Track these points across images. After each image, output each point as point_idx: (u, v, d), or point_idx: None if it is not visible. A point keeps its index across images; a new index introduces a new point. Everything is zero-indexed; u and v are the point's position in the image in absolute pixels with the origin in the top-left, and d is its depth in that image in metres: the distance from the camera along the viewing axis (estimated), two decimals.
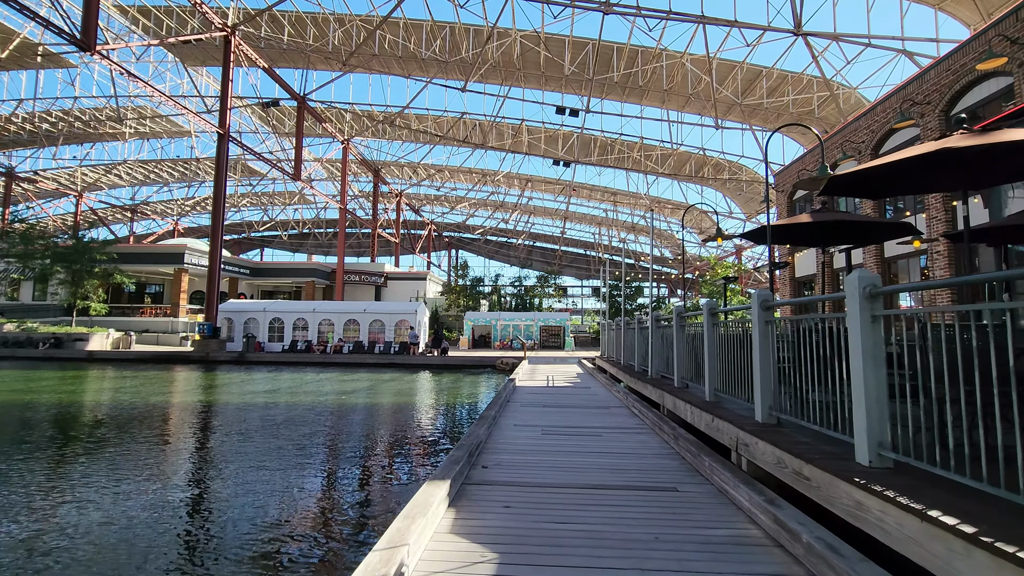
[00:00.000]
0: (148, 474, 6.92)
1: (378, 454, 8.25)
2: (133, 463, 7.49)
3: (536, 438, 6.20)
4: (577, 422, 7.40)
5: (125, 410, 12.08)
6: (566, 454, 5.42)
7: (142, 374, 19.92)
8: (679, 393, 7.09)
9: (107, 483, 6.38)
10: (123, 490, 6.10)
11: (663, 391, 7.48)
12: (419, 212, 65.62)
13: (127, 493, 5.99)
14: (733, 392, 5.60)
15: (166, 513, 5.37)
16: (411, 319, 28.30)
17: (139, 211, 66.66)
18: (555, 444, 5.88)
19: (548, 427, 6.94)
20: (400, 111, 38.02)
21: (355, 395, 14.90)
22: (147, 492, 6.05)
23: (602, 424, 7.23)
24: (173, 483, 6.55)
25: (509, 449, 5.59)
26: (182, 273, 35.82)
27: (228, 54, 27.75)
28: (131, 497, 5.83)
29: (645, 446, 5.87)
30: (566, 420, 7.56)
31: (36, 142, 48.53)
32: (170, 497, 5.90)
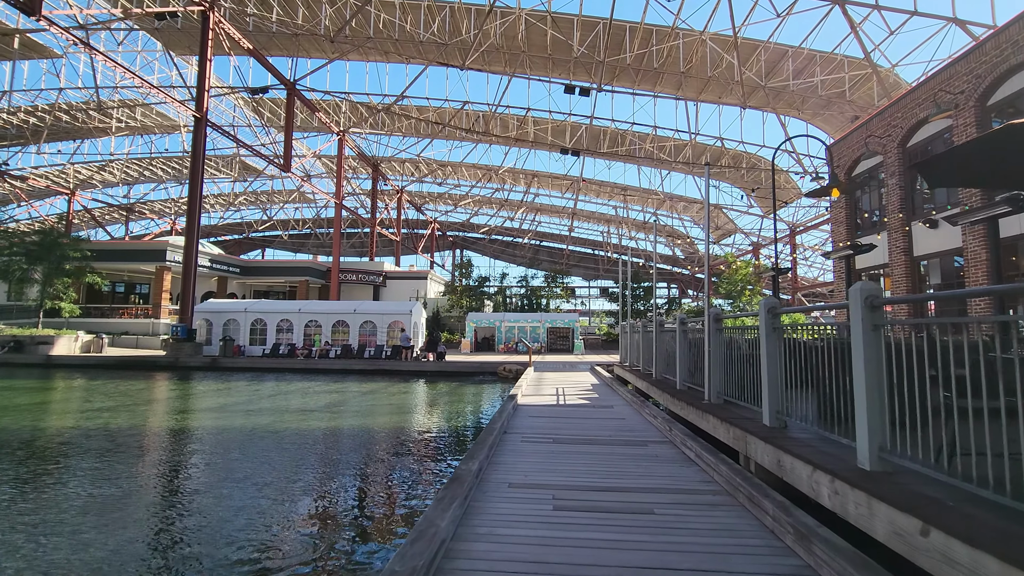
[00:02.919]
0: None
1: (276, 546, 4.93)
2: None
3: (543, 522, 3.67)
4: (606, 475, 4.87)
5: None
6: (601, 568, 2.90)
7: (76, 384, 17.55)
8: (781, 440, 4.53)
9: None
10: None
11: (745, 432, 4.89)
12: (421, 210, 63.27)
13: None
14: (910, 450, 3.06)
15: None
16: (405, 320, 25.83)
17: (136, 210, 64.72)
18: (577, 538, 3.36)
19: (563, 489, 4.41)
20: (399, 97, 35.60)
21: (313, 416, 12.33)
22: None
23: (646, 481, 4.69)
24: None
25: (494, 556, 3.08)
26: (164, 271, 33.56)
27: (206, 31, 25.45)
28: None
29: (739, 542, 3.32)
30: (589, 471, 5.03)
31: (22, 137, 46.58)
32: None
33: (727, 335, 6.23)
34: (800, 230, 45.72)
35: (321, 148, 42.57)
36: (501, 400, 14.49)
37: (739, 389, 5.77)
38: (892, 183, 11.68)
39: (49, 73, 39.43)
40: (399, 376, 20.80)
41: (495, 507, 3.93)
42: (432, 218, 65.80)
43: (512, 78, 33.98)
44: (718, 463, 4.62)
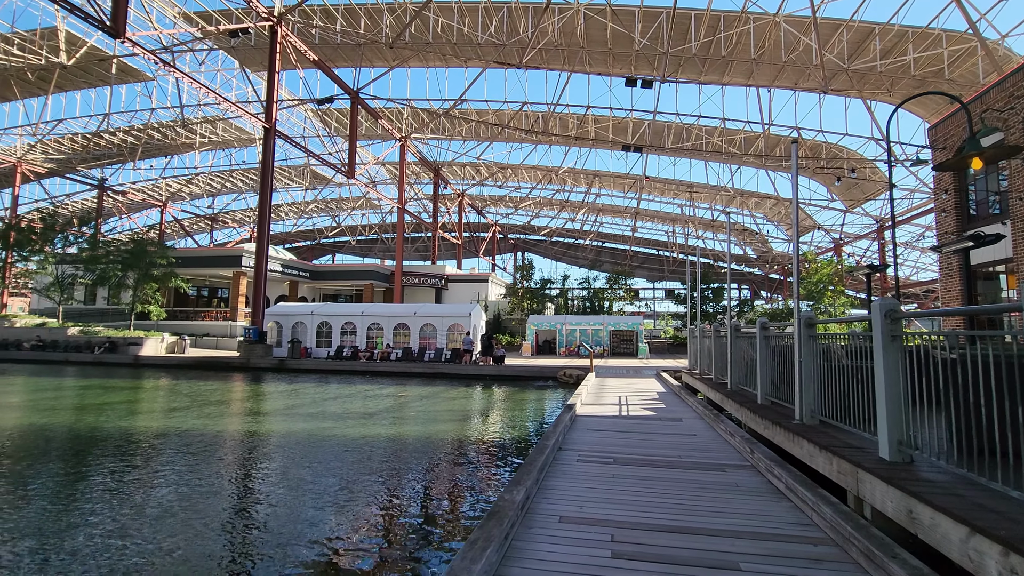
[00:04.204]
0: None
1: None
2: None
3: (601, 571, 3.01)
4: (677, 510, 4.12)
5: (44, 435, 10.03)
6: None
7: (160, 384, 18.47)
8: (911, 483, 3.62)
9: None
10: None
11: (855, 465, 3.92)
12: (482, 213, 63.56)
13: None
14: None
15: None
16: (465, 323, 25.65)
17: (219, 219, 69.25)
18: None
19: (625, 528, 3.71)
20: (457, 100, 35.70)
21: (373, 422, 12.21)
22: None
23: (727, 520, 3.90)
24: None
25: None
26: (240, 276, 35.36)
27: (274, 45, 26.48)
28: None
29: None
30: (656, 503, 4.29)
31: (121, 156, 50.88)
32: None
33: (822, 343, 5.27)
34: (889, 224, 41.79)
35: (384, 155, 43.55)
36: (560, 407, 13.82)
37: (841, 409, 4.82)
38: (1018, 162, 9.99)
39: (142, 95, 42.78)
40: (458, 380, 20.55)
41: (541, 550, 3.30)
42: (493, 221, 65.96)
43: (571, 75, 33.22)
44: (819, 502, 3.75)
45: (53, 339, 28.05)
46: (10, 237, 33.23)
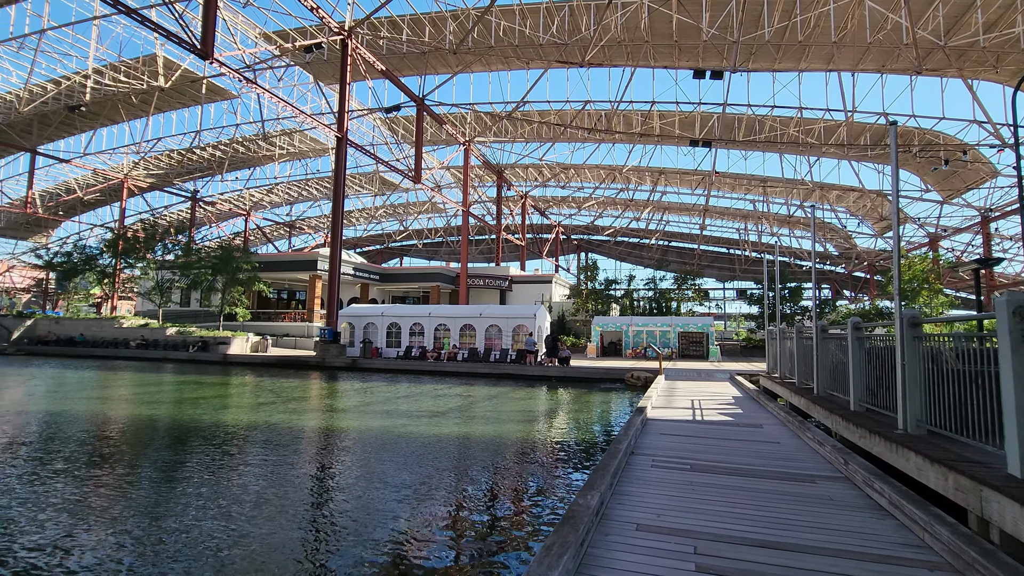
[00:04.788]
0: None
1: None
2: None
3: None
4: (763, 522, 3.83)
5: (145, 426, 10.80)
6: None
7: (246, 380, 19.67)
8: None
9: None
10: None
11: (979, 483, 3.44)
12: (545, 214, 63.49)
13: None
14: None
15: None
16: (529, 324, 25.65)
17: (296, 226, 73.33)
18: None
19: (708, 539, 3.49)
20: (519, 102, 35.83)
21: (442, 420, 12.40)
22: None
23: (821, 536, 3.59)
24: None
25: None
26: (316, 279, 37.21)
27: (345, 58, 27.69)
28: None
29: None
30: (740, 513, 4.02)
31: (211, 169, 55.04)
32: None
33: (929, 345, 4.76)
34: (996, 215, 37.88)
35: (449, 159, 44.46)
36: (629, 410, 13.47)
37: (954, 418, 4.32)
38: None
39: (228, 112, 46.01)
40: (524, 380, 20.56)
41: (619, 559, 3.16)
42: (556, 222, 65.70)
43: (635, 71, 32.46)
44: (932, 521, 3.36)
45: (154, 338, 30.72)
46: (119, 246, 36.74)
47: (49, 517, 5.56)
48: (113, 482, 7.11)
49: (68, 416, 12.09)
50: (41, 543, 4.87)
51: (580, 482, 7.02)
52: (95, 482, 7.10)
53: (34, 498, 6.19)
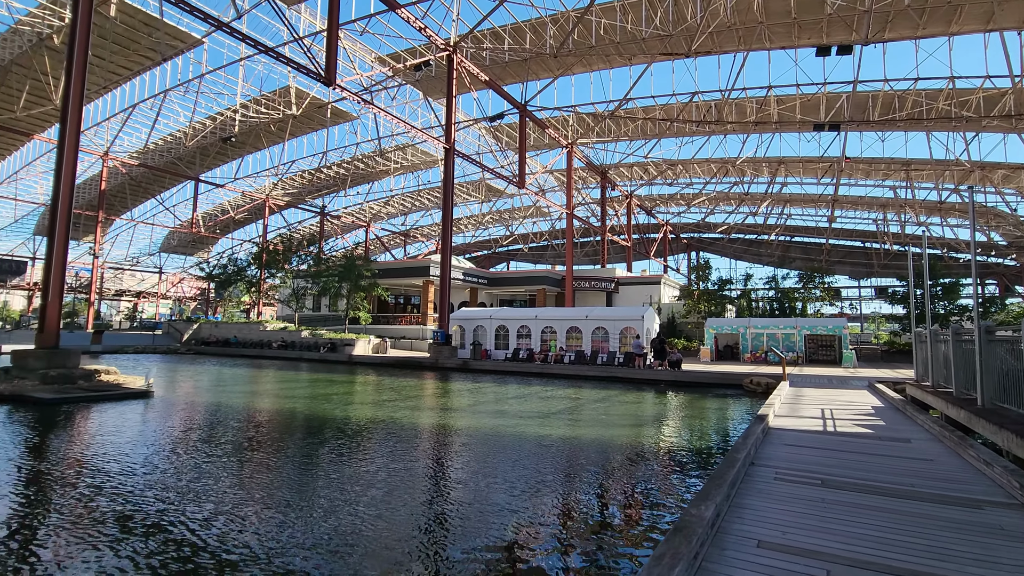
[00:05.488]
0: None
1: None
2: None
3: None
4: (916, 551, 3.37)
5: (287, 419, 11.86)
6: None
7: (369, 379, 21.16)
8: None
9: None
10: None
11: None
12: (652, 213, 61.47)
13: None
14: None
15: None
16: (637, 326, 24.95)
17: (410, 235, 78.01)
18: None
19: (845, 565, 3.14)
20: (623, 100, 35.10)
21: (551, 422, 12.45)
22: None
23: (992, 573, 3.08)
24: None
25: None
26: (428, 284, 39.23)
27: (451, 72, 28.96)
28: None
29: None
30: (886, 539, 3.58)
31: (336, 186, 60.36)
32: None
33: None
34: None
35: (552, 163, 44.72)
36: (748, 417, 12.58)
37: None
38: None
39: (349, 133, 50.16)
40: (632, 384, 20.04)
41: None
42: (663, 220, 63.36)
43: (747, 56, 30.38)
44: None
45: (292, 340, 34.26)
46: (263, 258, 41.53)
47: (215, 492, 6.42)
48: (264, 464, 8.04)
49: (227, 407, 13.89)
50: (208, 515, 5.64)
51: (691, 492, 6.69)
52: (250, 464, 8.07)
53: (203, 475, 7.18)
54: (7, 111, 37.36)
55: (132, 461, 8.00)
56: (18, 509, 5.91)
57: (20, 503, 6.14)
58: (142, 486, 6.78)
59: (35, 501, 6.23)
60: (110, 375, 16.00)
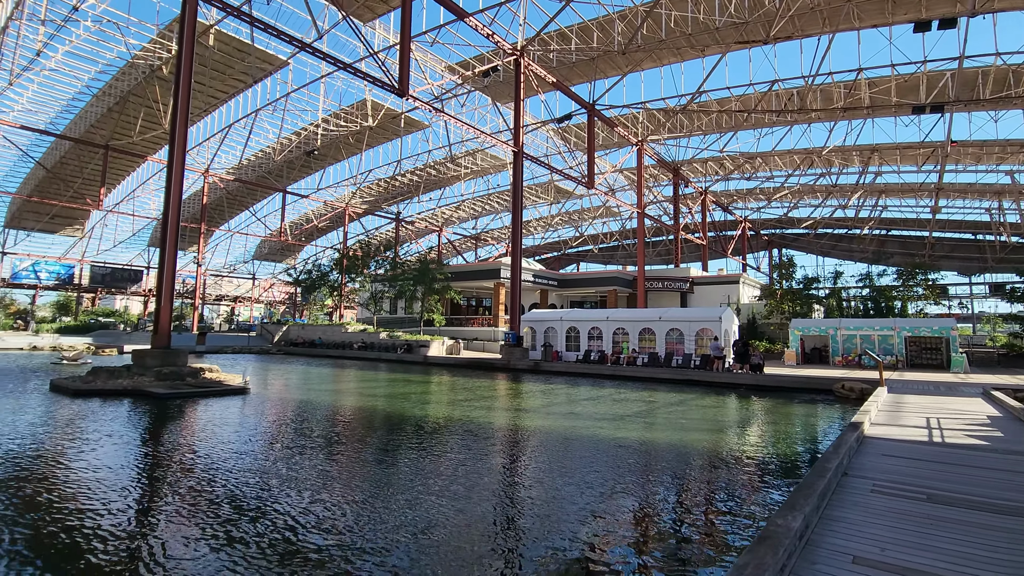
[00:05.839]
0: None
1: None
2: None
3: None
4: None
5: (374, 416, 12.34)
6: None
7: (443, 379, 21.73)
8: None
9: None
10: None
11: None
12: (728, 210, 58.83)
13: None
14: None
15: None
16: (714, 327, 23.98)
17: (481, 238, 79.41)
18: None
19: None
20: (695, 93, 33.90)
21: (625, 424, 12.24)
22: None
23: None
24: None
25: None
26: (499, 286, 39.75)
27: (518, 76, 29.22)
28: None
29: None
30: (1010, 563, 3.24)
31: (410, 192, 62.62)
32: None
33: None
34: None
35: (621, 161, 43.94)
36: (840, 425, 11.77)
37: None
38: None
39: (422, 141, 51.86)
40: (710, 387, 19.29)
41: None
42: (742, 217, 60.49)
43: (833, 37, 28.38)
44: None
45: (371, 342, 35.89)
46: (343, 264, 43.85)
47: (309, 481, 6.89)
48: (351, 457, 8.52)
49: (315, 403, 14.81)
50: (304, 501, 6.06)
51: (776, 502, 6.35)
52: (339, 456, 8.58)
53: (298, 465, 7.72)
54: (126, 136, 41.87)
55: (236, 450, 8.75)
56: (148, 488, 6.64)
57: (148, 483, 6.89)
58: (246, 472, 7.39)
59: (160, 481, 6.97)
60: (213, 373, 17.50)
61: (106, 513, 5.68)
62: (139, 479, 7.26)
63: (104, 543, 4.90)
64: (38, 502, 6.01)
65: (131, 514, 5.76)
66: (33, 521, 5.43)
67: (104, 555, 4.66)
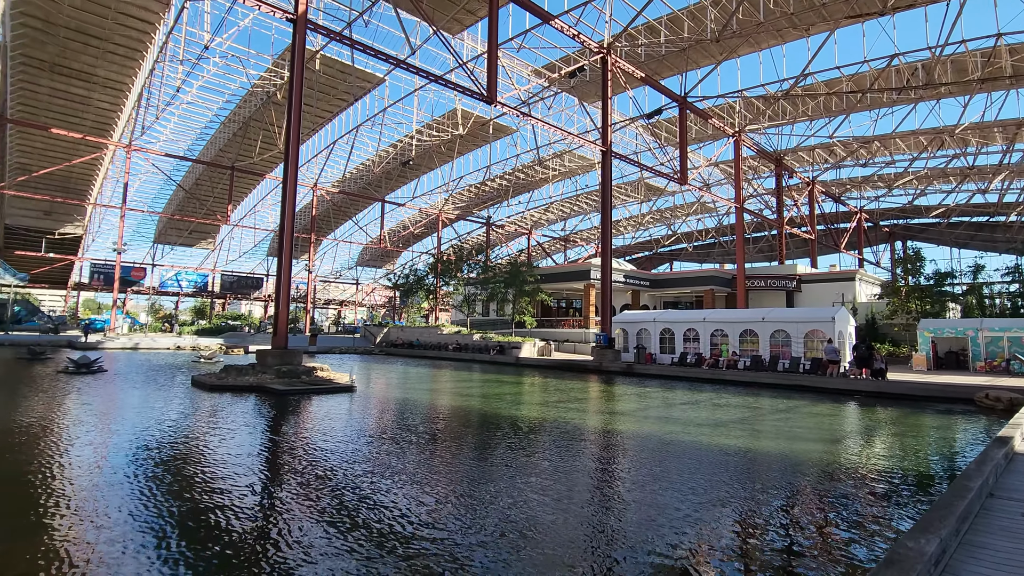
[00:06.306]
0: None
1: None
2: None
3: None
4: None
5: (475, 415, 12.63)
6: None
7: (536, 380, 21.86)
8: None
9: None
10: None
11: None
12: (841, 200, 53.99)
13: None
14: None
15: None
16: (826, 328, 22.08)
17: (570, 240, 79.16)
18: None
19: None
20: (799, 76, 31.51)
21: (726, 431, 11.65)
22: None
23: None
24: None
25: None
26: (589, 288, 39.36)
27: (605, 74, 28.81)
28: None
29: None
30: None
31: (499, 197, 63.92)
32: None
33: None
34: None
35: (716, 155, 41.84)
36: (983, 439, 10.39)
37: None
38: None
39: (510, 145, 52.74)
40: (822, 394, 17.80)
41: None
42: (856, 207, 55.26)
43: (964, 2, 25.09)
44: None
45: (465, 343, 37.03)
46: (438, 268, 45.71)
47: (415, 473, 7.28)
48: (453, 453, 8.89)
49: (416, 402, 15.59)
50: (411, 492, 6.41)
51: (904, 523, 5.74)
52: (441, 451, 8.98)
53: (400, 458, 8.19)
54: (247, 157, 46.56)
55: (350, 442, 9.47)
56: (281, 473, 7.37)
57: (281, 469, 7.65)
58: (361, 462, 7.97)
59: (290, 468, 7.71)
60: (324, 372, 18.96)
61: (249, 493, 6.38)
62: (273, 465, 8.10)
63: (249, 515, 5.51)
64: (196, 480, 6.88)
65: (265, 497, 6.42)
66: (192, 495, 6.23)
67: (249, 522, 5.23)
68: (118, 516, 5.56)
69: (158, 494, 6.38)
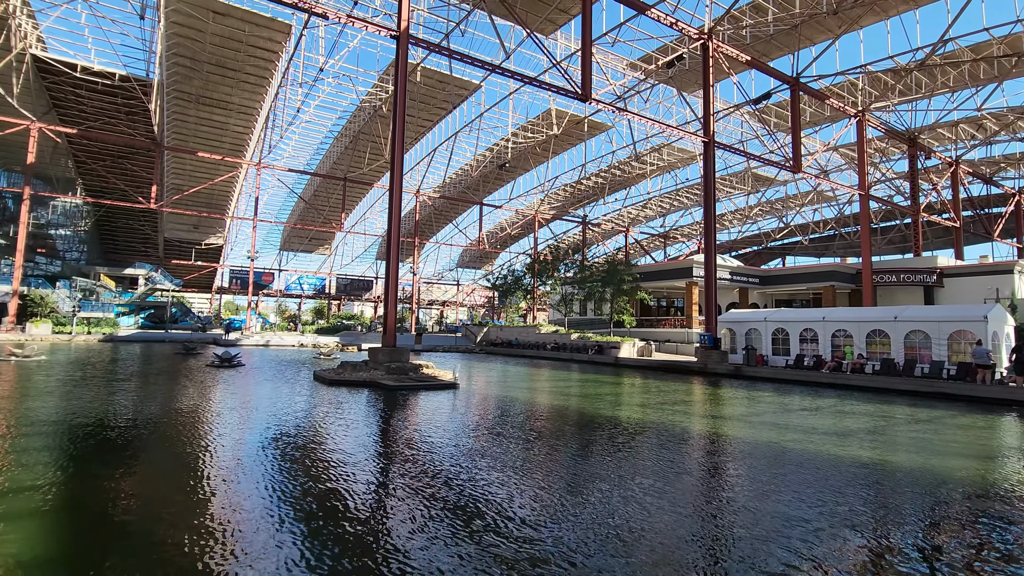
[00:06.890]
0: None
1: None
2: None
3: None
4: None
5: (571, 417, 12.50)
6: None
7: (636, 381, 21.26)
8: None
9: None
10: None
11: None
12: (993, 181, 47.03)
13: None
14: None
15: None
16: (976, 328, 19.31)
17: (670, 236, 76.39)
18: None
19: None
20: (937, 43, 27.90)
21: (852, 442, 10.56)
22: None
23: None
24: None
25: None
26: (692, 286, 37.68)
27: (706, 60, 27.38)
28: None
29: None
30: None
31: (595, 195, 63.20)
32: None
33: None
34: None
35: (836, 138, 38.17)
36: None
37: None
38: None
39: (605, 142, 51.93)
40: (971, 403, 15.61)
41: None
42: (1014, 188, 47.80)
43: None
44: None
45: (563, 343, 37.04)
46: (535, 268, 46.14)
47: (518, 469, 7.43)
48: (557, 452, 8.95)
49: (517, 400, 15.87)
50: (513, 488, 6.55)
51: None
52: (544, 451, 9.08)
53: (505, 452, 8.39)
54: (358, 168, 50.09)
55: (456, 435, 9.88)
56: (397, 462, 7.88)
57: (397, 458, 8.18)
58: (469, 455, 8.30)
59: (404, 457, 8.22)
60: (429, 369, 19.89)
61: (370, 479, 6.89)
62: (388, 454, 8.66)
63: (368, 497, 5.94)
64: (325, 463, 7.56)
65: (388, 482, 6.89)
66: (318, 476, 6.85)
67: (372, 503, 5.65)
68: (286, 488, 6.24)
69: (300, 472, 7.08)
